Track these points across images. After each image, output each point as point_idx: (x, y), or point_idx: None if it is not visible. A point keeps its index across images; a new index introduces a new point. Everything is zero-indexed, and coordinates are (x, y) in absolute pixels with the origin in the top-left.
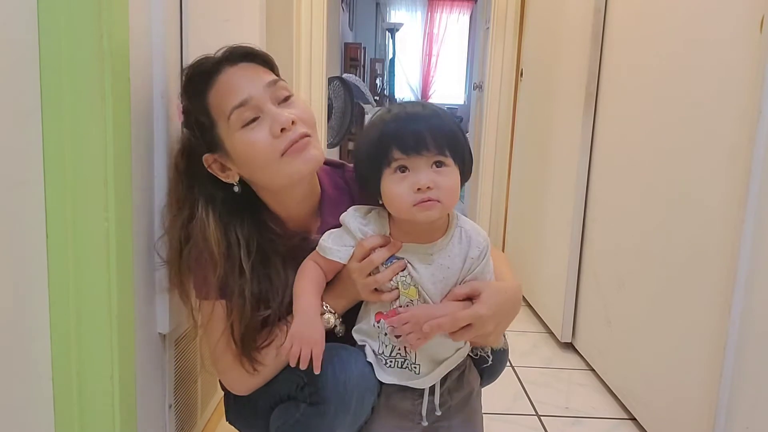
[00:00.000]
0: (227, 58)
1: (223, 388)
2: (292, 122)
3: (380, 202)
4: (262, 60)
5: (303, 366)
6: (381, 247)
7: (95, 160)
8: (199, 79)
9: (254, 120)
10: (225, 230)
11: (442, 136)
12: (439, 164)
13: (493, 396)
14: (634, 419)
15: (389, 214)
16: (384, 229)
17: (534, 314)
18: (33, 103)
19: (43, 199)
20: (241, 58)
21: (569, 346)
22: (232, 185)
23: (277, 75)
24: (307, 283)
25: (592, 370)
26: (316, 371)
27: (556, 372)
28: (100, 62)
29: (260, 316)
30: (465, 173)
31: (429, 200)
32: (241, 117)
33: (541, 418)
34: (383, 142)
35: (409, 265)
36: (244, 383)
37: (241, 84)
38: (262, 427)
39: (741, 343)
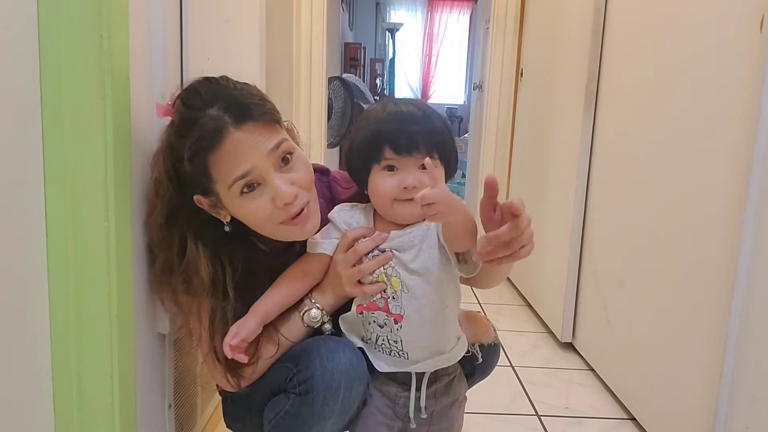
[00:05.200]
0: (232, 119)
1: (220, 392)
2: (295, 195)
3: (365, 193)
4: (269, 117)
5: (228, 354)
6: (365, 238)
7: (95, 160)
8: (201, 145)
9: (255, 187)
10: (213, 258)
11: (432, 138)
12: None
13: (493, 396)
14: (634, 419)
15: (374, 210)
16: (368, 221)
17: (534, 314)
18: (33, 103)
19: (43, 199)
20: (247, 118)
21: (569, 346)
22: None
23: (279, 121)
24: (270, 288)
25: (592, 370)
26: (226, 341)
27: (556, 372)
28: (100, 62)
29: None
30: (450, 172)
31: (413, 200)
32: (242, 186)
33: (541, 418)
34: (376, 140)
35: (396, 255)
36: (231, 387)
37: (244, 153)
38: (259, 425)
39: (741, 343)
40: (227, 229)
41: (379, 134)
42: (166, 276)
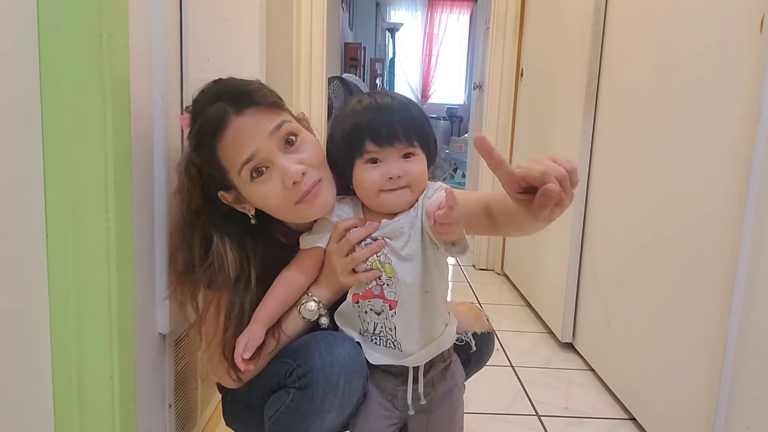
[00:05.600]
0: (233, 107)
1: (220, 390)
2: (303, 173)
3: (351, 188)
4: (269, 101)
5: (242, 368)
6: (356, 227)
7: (95, 160)
8: (205, 133)
9: (264, 171)
10: (240, 252)
11: (411, 127)
12: (408, 155)
13: (493, 396)
14: (634, 419)
15: (362, 202)
16: (357, 212)
17: (534, 314)
18: (33, 103)
19: (43, 199)
20: (247, 104)
21: (569, 346)
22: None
23: (281, 106)
24: (269, 291)
25: (592, 370)
26: (237, 352)
27: (556, 372)
28: (100, 62)
29: None
30: (431, 159)
31: (399, 188)
32: (251, 171)
33: (541, 418)
34: (356, 134)
35: (387, 243)
36: (232, 382)
37: (247, 137)
38: (258, 423)
39: (741, 343)
40: (253, 221)
41: (359, 128)
42: (188, 275)
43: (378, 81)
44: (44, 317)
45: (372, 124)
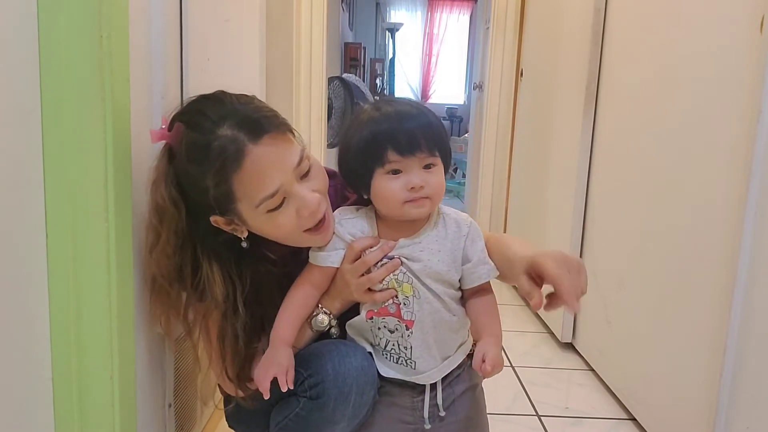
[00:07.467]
0: (249, 135)
1: (223, 393)
2: (319, 203)
3: (365, 197)
4: (283, 128)
5: (265, 394)
6: (372, 247)
7: (95, 160)
8: (223, 164)
9: (282, 203)
10: (224, 276)
11: (432, 137)
12: (428, 165)
13: (493, 396)
14: (634, 419)
15: (375, 213)
16: (372, 228)
17: (534, 314)
18: (33, 103)
19: (43, 199)
20: (261, 131)
21: (569, 346)
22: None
23: (290, 128)
24: (285, 308)
25: (592, 370)
26: (283, 388)
27: (556, 372)
28: (100, 62)
29: (254, 347)
30: (446, 167)
31: (421, 198)
32: (270, 204)
33: (541, 418)
34: (377, 143)
35: (405, 262)
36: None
37: (270, 171)
38: (263, 427)
39: (741, 343)
40: (244, 244)
41: (380, 136)
42: (162, 295)
43: (378, 81)
44: (44, 317)
45: (393, 132)
